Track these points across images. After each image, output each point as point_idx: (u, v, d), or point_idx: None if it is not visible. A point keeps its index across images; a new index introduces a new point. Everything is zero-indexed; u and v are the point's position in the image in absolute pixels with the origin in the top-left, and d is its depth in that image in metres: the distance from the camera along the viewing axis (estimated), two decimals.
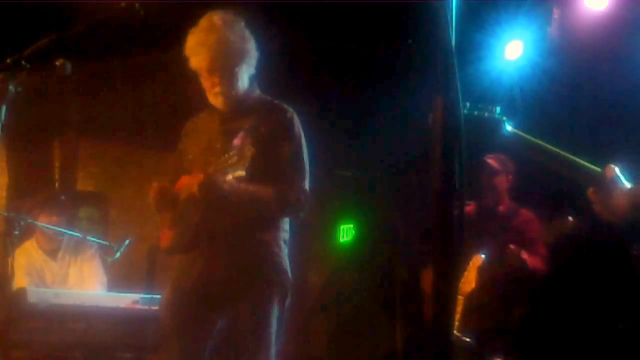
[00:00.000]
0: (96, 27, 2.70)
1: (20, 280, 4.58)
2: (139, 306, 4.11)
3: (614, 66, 4.70)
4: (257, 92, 3.18)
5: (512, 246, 4.22)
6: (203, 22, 3.00)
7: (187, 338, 2.99)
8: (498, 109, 2.69)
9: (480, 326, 4.20)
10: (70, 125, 6.61)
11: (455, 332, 3.93)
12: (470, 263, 4.16)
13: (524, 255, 4.24)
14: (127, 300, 4.16)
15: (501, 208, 4.50)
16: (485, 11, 4.86)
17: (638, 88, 4.25)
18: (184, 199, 2.99)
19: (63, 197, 5.10)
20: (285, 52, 5.75)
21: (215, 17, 3.00)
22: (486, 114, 2.62)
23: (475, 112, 2.55)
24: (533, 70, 5.22)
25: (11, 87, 2.50)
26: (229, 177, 2.77)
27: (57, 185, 6.63)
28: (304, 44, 5.66)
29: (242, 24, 3.06)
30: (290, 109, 3.14)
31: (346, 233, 7.53)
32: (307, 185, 3.08)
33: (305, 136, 3.17)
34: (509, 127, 2.70)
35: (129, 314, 4.07)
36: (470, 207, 4.48)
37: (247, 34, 3.07)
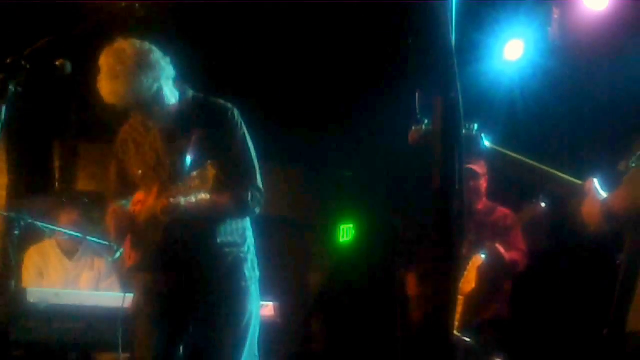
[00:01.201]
0: (96, 27, 2.69)
1: (30, 279, 4.66)
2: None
3: (613, 66, 4.71)
4: (189, 93, 3.09)
5: (488, 242, 4.32)
6: (103, 68, 2.85)
7: (162, 344, 2.99)
8: (476, 125, 2.73)
9: (478, 324, 4.25)
10: (70, 125, 6.61)
11: (455, 332, 3.94)
12: (470, 263, 4.19)
13: (500, 248, 4.35)
14: (127, 300, 4.15)
15: (480, 206, 4.67)
16: (485, 11, 4.86)
17: (638, 88, 4.26)
18: (143, 221, 2.96)
19: (86, 200, 5.17)
20: (286, 52, 5.75)
21: (111, 60, 2.84)
22: (464, 131, 2.66)
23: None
24: (533, 70, 5.23)
25: (11, 87, 2.50)
26: (193, 199, 2.75)
27: (57, 185, 6.63)
28: (304, 44, 5.67)
29: (137, 45, 2.89)
30: (229, 105, 3.07)
31: (346, 233, 7.53)
32: (259, 181, 3.05)
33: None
34: (487, 143, 2.75)
35: (129, 314, 4.06)
36: None
37: (145, 50, 2.89)
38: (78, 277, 4.83)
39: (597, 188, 2.43)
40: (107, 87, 2.83)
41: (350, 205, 7.40)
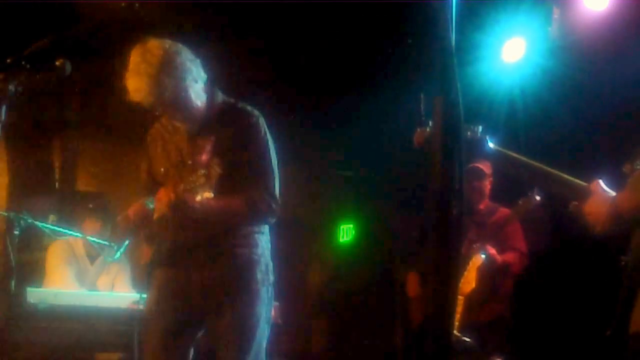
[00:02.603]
0: (96, 27, 2.70)
1: (60, 266, 4.74)
2: (139, 306, 4.11)
3: (613, 67, 4.70)
4: (219, 97, 3.12)
5: (476, 245, 4.32)
6: (130, 65, 2.89)
7: (171, 343, 2.99)
8: (480, 127, 2.69)
9: (478, 324, 4.25)
10: (70, 125, 6.61)
11: (455, 332, 3.94)
12: (470, 263, 4.20)
13: (491, 250, 4.35)
14: (127, 300, 4.16)
15: (481, 206, 4.69)
16: (485, 11, 4.87)
17: (638, 88, 4.25)
18: (157, 218, 2.98)
19: (107, 208, 5.22)
20: (285, 52, 5.75)
21: (137, 59, 2.87)
22: (468, 134, 2.61)
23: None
24: (533, 70, 5.23)
25: (11, 87, 2.50)
26: (198, 197, 2.77)
27: (57, 185, 6.63)
28: (304, 44, 5.67)
29: (164, 45, 2.91)
30: (255, 112, 3.08)
31: (346, 233, 7.53)
32: (276, 189, 3.05)
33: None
34: (491, 145, 2.72)
35: (129, 314, 4.07)
36: None
37: (172, 51, 2.92)
38: (95, 282, 4.86)
39: (604, 188, 2.41)
40: (132, 84, 2.87)
41: (350, 205, 7.40)
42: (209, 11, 5.18)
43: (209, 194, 2.73)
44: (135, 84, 2.86)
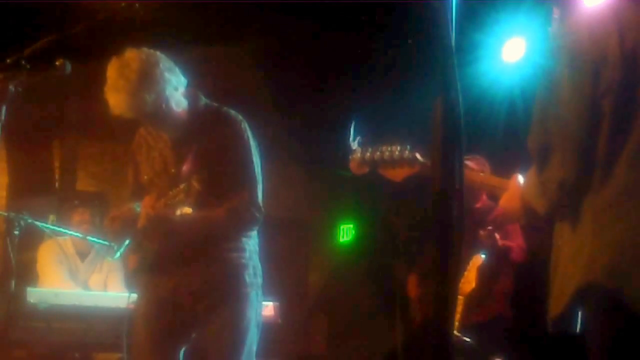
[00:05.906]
0: (96, 27, 2.70)
1: (52, 266, 4.74)
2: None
3: None
4: (201, 102, 3.07)
5: (483, 231, 4.30)
6: (108, 80, 2.85)
7: (160, 348, 2.99)
8: (408, 147, 2.40)
9: (478, 324, 4.25)
10: (70, 125, 6.62)
11: (455, 332, 3.94)
12: (470, 263, 4.19)
13: (497, 235, 4.32)
14: (127, 300, 4.15)
15: (478, 205, 4.62)
16: (485, 11, 4.87)
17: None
18: (139, 228, 2.99)
19: (96, 202, 5.21)
20: (284, 52, 5.76)
21: (115, 74, 2.83)
22: (397, 151, 2.34)
23: (387, 151, 2.33)
24: (533, 70, 5.23)
25: (11, 87, 2.51)
26: (178, 212, 2.79)
27: (57, 185, 6.64)
28: (304, 43, 5.67)
29: (142, 58, 2.86)
30: (238, 117, 3.04)
31: (346, 233, 7.53)
32: (259, 197, 3.02)
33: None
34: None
35: (129, 315, 4.06)
36: None
37: (150, 63, 2.86)
38: (87, 280, 4.86)
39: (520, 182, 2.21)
40: (111, 100, 2.85)
41: (350, 205, 7.40)
42: (210, 10, 5.19)
43: (187, 210, 2.77)
44: (114, 100, 2.83)
